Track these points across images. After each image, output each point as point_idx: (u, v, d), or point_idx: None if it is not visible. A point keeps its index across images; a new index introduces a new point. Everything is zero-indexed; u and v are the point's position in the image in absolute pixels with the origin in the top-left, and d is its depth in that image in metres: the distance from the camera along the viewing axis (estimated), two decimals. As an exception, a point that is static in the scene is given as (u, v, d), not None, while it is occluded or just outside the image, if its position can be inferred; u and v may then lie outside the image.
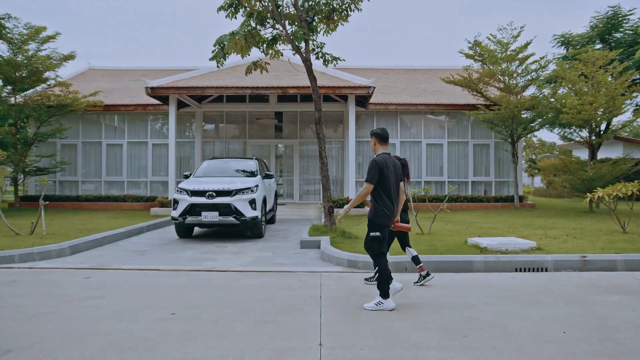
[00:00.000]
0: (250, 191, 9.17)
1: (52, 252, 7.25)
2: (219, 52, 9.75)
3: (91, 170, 18.28)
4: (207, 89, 14.56)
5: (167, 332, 3.81)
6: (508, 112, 15.39)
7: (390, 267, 6.47)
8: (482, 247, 7.46)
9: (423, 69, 23.27)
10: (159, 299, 4.87)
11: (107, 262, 7.01)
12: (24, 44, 15.67)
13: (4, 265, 6.67)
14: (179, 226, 9.38)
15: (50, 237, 8.85)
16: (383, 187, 4.58)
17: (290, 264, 6.93)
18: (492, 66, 16.38)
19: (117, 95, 18.77)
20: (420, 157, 18.20)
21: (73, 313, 4.31)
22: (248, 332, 3.82)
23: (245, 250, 8.20)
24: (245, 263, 7.00)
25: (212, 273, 6.28)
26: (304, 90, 14.60)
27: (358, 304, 4.70)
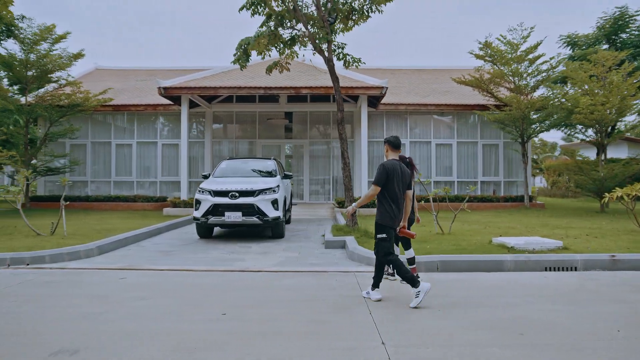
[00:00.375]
0: (272, 191, 9.18)
1: (80, 252, 7.24)
2: (241, 55, 9.77)
3: (100, 170, 18.24)
4: (220, 89, 14.55)
5: (227, 332, 3.81)
6: (519, 112, 15.44)
7: (421, 266, 6.53)
8: (510, 246, 7.48)
9: (430, 69, 23.32)
10: (203, 299, 4.87)
11: (136, 262, 7.00)
12: (36, 44, 15.64)
13: (36, 266, 6.66)
14: (200, 226, 9.38)
15: (72, 238, 8.84)
16: (389, 190, 4.83)
17: (322, 264, 6.93)
18: (502, 67, 16.43)
19: (126, 95, 18.74)
20: (429, 157, 18.23)
21: (124, 313, 4.31)
22: (308, 332, 3.83)
23: (271, 250, 8.20)
24: (276, 263, 7.00)
25: (247, 273, 6.28)
26: (317, 90, 14.62)
27: (402, 303, 4.72)
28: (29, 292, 5.11)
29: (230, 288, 5.40)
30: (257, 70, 16.32)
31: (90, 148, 18.20)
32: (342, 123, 9.28)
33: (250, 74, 15.76)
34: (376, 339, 3.65)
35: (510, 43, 16.44)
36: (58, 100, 15.96)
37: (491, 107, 16.69)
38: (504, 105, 16.65)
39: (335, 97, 9.41)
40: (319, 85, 14.63)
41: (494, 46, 16.55)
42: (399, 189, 4.87)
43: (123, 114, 18.30)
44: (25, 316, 4.22)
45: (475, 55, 17.06)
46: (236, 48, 10.05)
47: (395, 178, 4.85)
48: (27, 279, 5.80)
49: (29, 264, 6.71)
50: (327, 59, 9.24)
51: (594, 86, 14.54)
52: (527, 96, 16.40)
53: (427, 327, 4.01)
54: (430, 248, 7.62)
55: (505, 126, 16.74)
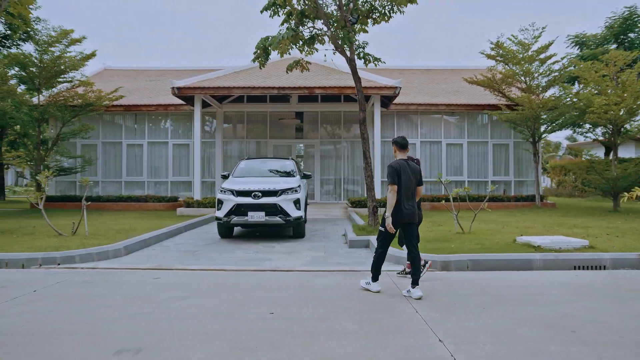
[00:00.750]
0: (295, 191, 9.19)
1: (109, 252, 7.25)
2: (261, 53, 9.78)
3: (111, 170, 18.26)
4: (233, 89, 14.57)
5: (281, 331, 3.82)
6: (531, 112, 15.45)
7: (452, 265, 6.55)
8: (536, 245, 7.49)
9: (438, 69, 23.35)
10: (245, 299, 4.88)
11: (165, 262, 7.01)
12: (50, 45, 15.67)
13: (67, 266, 6.67)
14: (222, 226, 9.39)
15: (94, 238, 8.85)
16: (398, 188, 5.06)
17: (350, 264, 6.95)
18: (514, 67, 16.45)
19: (136, 96, 18.76)
20: (440, 157, 18.25)
21: (172, 313, 4.32)
22: (359, 331, 3.84)
23: (296, 250, 8.21)
24: (305, 263, 7.01)
25: (279, 273, 6.29)
26: (330, 90, 14.64)
27: (445, 302, 4.73)
28: (70, 292, 5.12)
29: (267, 288, 5.41)
30: (269, 70, 16.33)
31: (101, 148, 18.21)
32: (364, 123, 9.30)
33: (263, 74, 15.78)
34: (431, 337, 3.67)
35: (521, 43, 16.46)
36: (71, 100, 15.99)
37: (502, 107, 16.71)
38: (515, 105, 16.67)
39: (357, 97, 9.42)
40: (332, 85, 14.64)
41: (506, 46, 16.57)
42: (407, 186, 5.09)
43: (134, 114, 18.32)
44: (75, 316, 4.23)
45: (487, 55, 17.08)
46: (256, 47, 10.05)
47: (404, 176, 5.09)
48: (62, 278, 5.80)
49: (59, 263, 6.72)
50: (349, 59, 9.25)
51: (607, 86, 14.55)
52: (539, 96, 16.43)
53: (477, 324, 4.02)
54: (454, 247, 7.63)
55: (516, 126, 16.76)
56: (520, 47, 16.47)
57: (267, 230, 10.85)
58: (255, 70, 16.35)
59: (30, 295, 4.95)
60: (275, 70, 16.40)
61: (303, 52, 10.62)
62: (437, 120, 18.42)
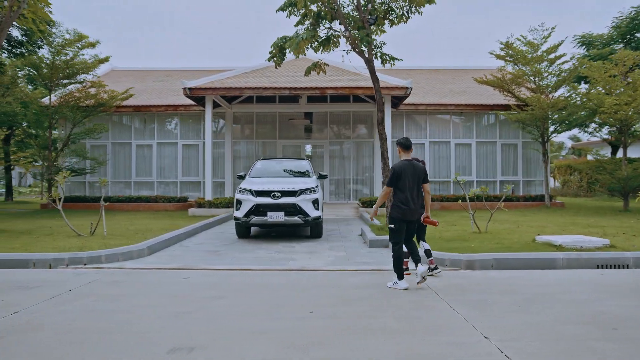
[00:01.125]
0: (313, 191, 9.24)
1: (133, 252, 7.30)
2: (277, 53, 9.83)
3: (120, 171, 18.31)
4: (245, 89, 14.61)
5: (326, 328, 3.86)
6: (541, 112, 15.50)
7: (476, 264, 6.59)
8: (557, 245, 7.53)
9: (445, 70, 23.39)
10: (281, 298, 4.92)
11: (191, 262, 7.06)
12: (64, 47, 15.74)
13: (94, 266, 6.71)
14: (240, 226, 9.43)
15: (113, 238, 8.90)
16: (400, 187, 5.36)
17: (374, 263, 6.99)
18: (524, 67, 16.49)
19: (145, 96, 18.80)
20: (449, 157, 18.30)
21: (214, 312, 4.36)
22: (402, 328, 3.89)
23: (317, 250, 8.26)
24: (328, 262, 7.06)
25: (306, 273, 6.33)
26: (342, 91, 14.69)
27: (478, 300, 4.77)
28: (105, 292, 5.16)
29: (299, 287, 5.45)
30: (280, 71, 16.34)
31: (110, 149, 18.26)
32: (382, 123, 9.34)
33: (274, 75, 15.82)
34: (475, 334, 3.71)
35: (530, 43, 16.51)
36: (84, 101, 16.06)
37: (512, 106, 16.76)
38: (524, 105, 16.72)
39: (376, 97, 9.46)
40: (344, 86, 14.69)
41: (515, 46, 16.62)
42: (409, 186, 5.35)
43: (143, 115, 18.37)
44: (118, 315, 4.27)
45: (496, 56, 17.13)
46: (272, 46, 10.09)
47: (406, 177, 5.34)
48: (93, 278, 5.85)
49: (86, 264, 6.77)
50: (367, 60, 9.29)
51: (617, 86, 14.60)
52: (548, 96, 16.48)
53: (516, 322, 4.06)
54: (475, 247, 7.68)
55: (526, 126, 16.81)
56: (529, 47, 16.52)
57: (284, 230, 10.89)
58: (265, 71, 16.41)
59: (67, 295, 4.99)
60: (285, 71, 16.44)
61: (317, 52, 10.67)
62: (446, 121, 18.47)
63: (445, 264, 6.72)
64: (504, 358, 3.23)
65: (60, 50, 15.64)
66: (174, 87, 20.30)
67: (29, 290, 5.25)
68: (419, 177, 5.44)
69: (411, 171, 5.39)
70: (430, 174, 18.18)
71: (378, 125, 9.38)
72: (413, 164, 5.45)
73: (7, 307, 4.49)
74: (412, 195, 5.36)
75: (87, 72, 16.68)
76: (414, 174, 5.39)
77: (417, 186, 5.44)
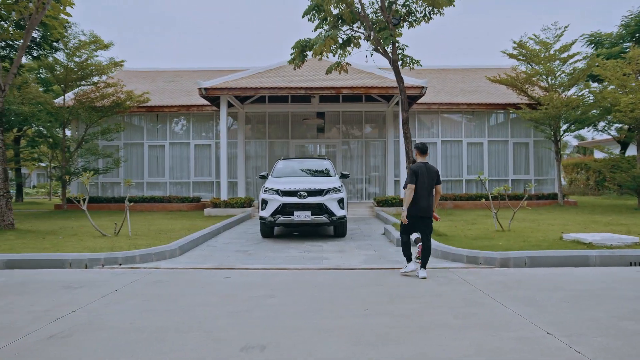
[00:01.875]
0: (338, 191, 9.27)
1: (166, 252, 7.32)
2: (298, 54, 9.88)
3: (133, 171, 18.33)
4: (260, 89, 14.63)
5: (387, 326, 3.88)
6: (555, 111, 15.54)
7: (510, 261, 6.62)
8: (587, 242, 7.56)
9: (454, 69, 23.42)
10: (330, 297, 4.95)
11: (225, 262, 7.07)
12: (77, 50, 15.77)
13: (129, 266, 6.74)
14: (265, 226, 9.45)
15: (139, 238, 8.92)
16: (415, 187, 5.92)
17: (408, 261, 7.01)
18: (537, 66, 16.53)
19: (157, 97, 18.82)
20: (460, 156, 18.33)
21: (270, 311, 4.38)
22: (463, 324, 3.91)
23: (345, 249, 8.28)
24: (362, 261, 7.08)
25: (344, 271, 6.36)
26: (357, 90, 14.71)
27: (526, 297, 4.80)
28: (152, 292, 5.19)
29: (344, 286, 5.47)
30: (293, 71, 16.39)
31: (122, 149, 18.28)
32: (406, 123, 9.36)
33: (288, 75, 15.85)
34: (537, 329, 3.74)
35: (543, 42, 16.54)
36: (100, 100, 16.09)
37: (523, 106, 16.79)
38: (537, 104, 16.75)
39: (401, 97, 9.49)
40: (359, 85, 14.72)
41: (528, 46, 16.66)
42: (423, 185, 5.94)
43: (155, 115, 18.39)
44: (175, 315, 4.29)
45: (509, 55, 17.17)
46: (293, 47, 10.15)
47: (421, 177, 5.94)
48: (133, 278, 5.87)
49: (121, 264, 6.79)
50: (392, 60, 9.31)
51: (631, 84, 14.62)
52: (560, 95, 16.50)
53: (573, 318, 4.08)
54: (503, 245, 7.70)
55: (539, 125, 16.84)
56: (541, 46, 16.55)
57: (307, 229, 10.91)
58: (279, 71, 16.44)
59: (115, 295, 5.01)
60: (299, 71, 16.43)
61: (336, 56, 10.67)
62: (458, 120, 18.50)
63: (479, 262, 6.75)
64: (574, 353, 3.25)
65: (75, 52, 15.66)
66: (185, 87, 20.34)
67: (75, 290, 5.28)
68: (432, 177, 6.03)
69: (426, 172, 5.99)
70: (442, 174, 18.22)
71: (403, 124, 9.41)
72: (427, 166, 6.03)
73: (62, 307, 4.51)
74: (425, 194, 5.96)
75: (101, 75, 16.70)
76: (428, 175, 5.99)
77: (430, 186, 6.01)
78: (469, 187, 18.37)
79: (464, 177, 18.27)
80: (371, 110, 18.37)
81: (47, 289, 5.31)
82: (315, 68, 16.85)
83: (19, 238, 8.98)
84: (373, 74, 16.02)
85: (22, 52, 9.70)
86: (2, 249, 7.58)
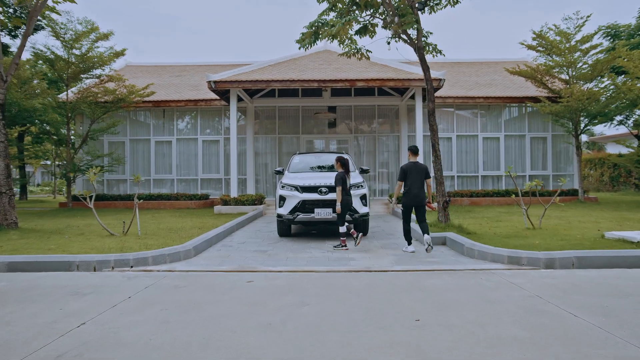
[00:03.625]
0: (360, 186, 8.71)
1: (180, 253, 6.78)
2: (309, 35, 9.28)
3: (139, 168, 17.81)
4: (272, 82, 14.06)
5: (452, 340, 3.34)
6: (579, 103, 14.92)
7: (556, 262, 6.06)
8: (636, 241, 7.00)
9: (467, 62, 22.78)
10: (370, 304, 4.40)
11: (245, 263, 6.53)
12: (76, 41, 15.22)
13: (141, 268, 6.20)
14: (282, 224, 8.89)
15: (148, 238, 8.41)
16: (407, 182, 7.32)
17: (442, 262, 6.46)
18: (557, 57, 15.90)
19: (163, 91, 18.29)
20: (476, 151, 17.73)
21: (306, 322, 3.83)
22: (533, 337, 3.37)
23: (370, 248, 7.73)
24: (393, 262, 6.53)
25: (377, 274, 5.81)
26: (372, 83, 14.12)
27: (592, 304, 4.24)
28: (170, 299, 4.65)
29: (381, 290, 4.92)
30: (305, 63, 15.85)
31: (128, 145, 17.77)
32: (433, 114, 8.79)
33: (299, 67, 15.30)
34: (628, 346, 3.18)
35: (563, 33, 15.91)
36: (103, 96, 15.55)
37: (543, 99, 16.18)
38: (557, 96, 16.14)
39: (427, 87, 8.90)
40: (374, 78, 14.12)
41: (548, 36, 16.04)
42: (413, 180, 7.27)
43: (162, 110, 17.86)
44: (200, 328, 3.74)
45: (527, 46, 16.55)
46: (307, 27, 9.52)
47: (411, 174, 7.29)
48: (148, 283, 5.34)
49: (132, 266, 6.26)
50: (416, 47, 8.73)
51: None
52: (581, 87, 15.88)
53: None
54: (540, 244, 7.15)
55: (559, 118, 16.24)
56: (562, 37, 15.93)
57: (325, 228, 10.36)
58: (290, 64, 15.87)
59: (129, 303, 4.48)
60: (310, 63, 15.91)
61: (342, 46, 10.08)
62: (474, 114, 17.90)
63: (522, 263, 6.18)
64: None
65: (73, 44, 15.11)
66: (192, 82, 19.80)
67: (84, 297, 4.75)
68: (421, 174, 7.32)
69: (415, 169, 7.32)
70: (457, 169, 17.63)
71: (429, 116, 8.84)
72: (416, 164, 7.36)
73: (70, 318, 3.98)
74: (416, 187, 7.26)
75: (103, 67, 16.16)
76: (417, 172, 7.30)
77: (420, 181, 7.30)
78: (485, 183, 17.78)
79: (479, 173, 17.68)
80: (384, 104, 17.78)
81: (53, 296, 4.78)
82: (328, 60, 16.29)
83: (23, 237, 8.46)
84: (387, 66, 15.43)
85: (25, 40, 9.16)
86: (5, 249, 7.06)
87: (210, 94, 17.03)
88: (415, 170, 7.26)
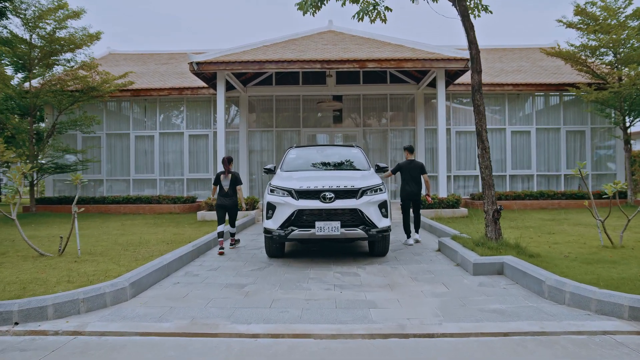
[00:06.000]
0: (379, 190, 6.29)
1: (106, 296, 4.41)
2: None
3: (117, 166, 15.51)
4: (266, 63, 11.69)
5: None
6: (632, 89, 12.47)
7: None
8: None
9: (488, 49, 20.24)
10: None
11: (204, 314, 4.16)
12: (39, 19, 12.89)
13: (29, 328, 3.83)
14: (272, 242, 6.50)
15: (89, 261, 6.12)
16: (403, 178, 7.93)
17: (517, 313, 4.06)
18: (603, 36, 13.44)
19: (146, 79, 15.99)
20: (503, 147, 15.31)
21: None
22: None
23: (396, 280, 5.33)
24: (437, 310, 4.15)
25: (419, 342, 3.42)
26: (386, 64, 11.73)
27: None
28: None
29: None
30: (306, 44, 13.50)
31: (105, 141, 15.46)
32: (479, 91, 6.44)
33: (299, 48, 12.94)
34: None
35: (608, 8, 13.47)
36: (71, 84, 13.23)
37: (583, 85, 13.73)
38: (602, 82, 13.71)
39: (470, 52, 6.50)
40: (389, 58, 11.71)
41: (592, 12, 13.60)
42: (408, 176, 7.83)
43: (143, 101, 15.53)
44: None
45: (567, 23, 14.10)
46: None
47: (406, 171, 7.86)
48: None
49: (17, 322, 3.90)
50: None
51: None
52: (631, 72, 13.41)
53: None
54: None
55: (605, 107, 13.79)
56: (607, 13, 13.49)
57: (331, 244, 7.95)
58: (288, 44, 13.51)
59: None
60: (312, 43, 13.54)
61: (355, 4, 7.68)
62: (501, 104, 15.46)
63: (622, 315, 3.78)
64: None
65: (37, 22, 12.79)
66: (179, 69, 17.49)
67: None
68: (416, 170, 7.83)
69: (410, 167, 7.83)
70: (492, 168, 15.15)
71: (473, 92, 6.47)
72: (411, 162, 7.88)
73: None
74: (411, 183, 7.79)
75: (75, 51, 13.86)
76: (412, 169, 7.82)
77: (415, 177, 7.82)
78: (514, 184, 15.36)
79: (507, 172, 15.27)
80: (397, 93, 15.38)
81: None
82: (333, 41, 13.91)
83: None
84: (403, 46, 13.04)
85: None
86: None
87: (198, 81, 14.72)
88: (410, 168, 7.80)
